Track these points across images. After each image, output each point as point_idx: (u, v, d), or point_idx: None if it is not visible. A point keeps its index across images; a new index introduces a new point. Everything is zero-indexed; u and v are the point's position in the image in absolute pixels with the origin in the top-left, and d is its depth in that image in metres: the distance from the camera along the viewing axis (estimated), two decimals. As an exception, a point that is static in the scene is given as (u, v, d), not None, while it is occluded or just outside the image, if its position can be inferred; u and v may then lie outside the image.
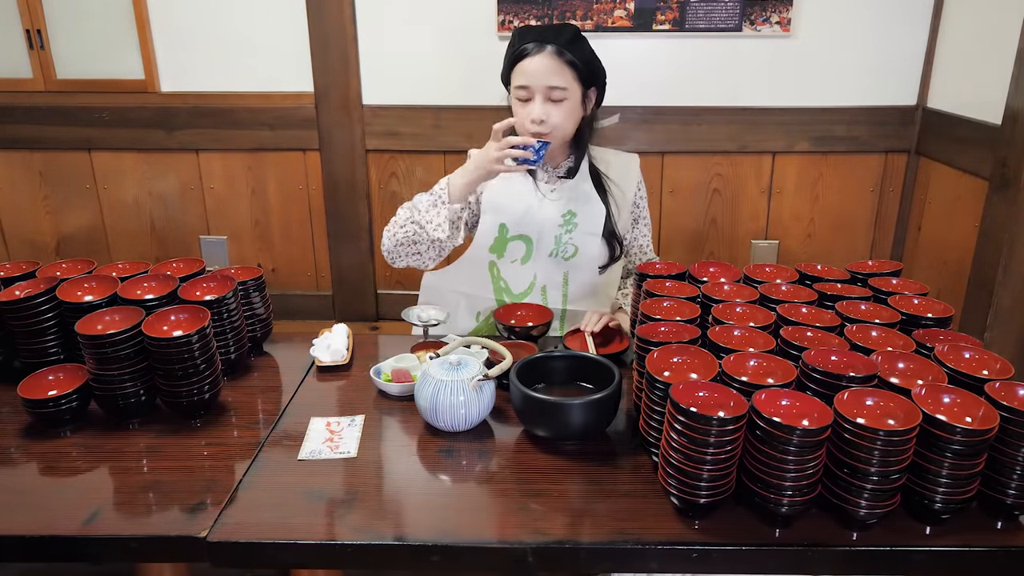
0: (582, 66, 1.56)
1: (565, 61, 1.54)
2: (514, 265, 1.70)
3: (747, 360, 1.10)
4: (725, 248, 3.14)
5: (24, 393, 1.24)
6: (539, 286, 1.71)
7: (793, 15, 2.77)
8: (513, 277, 1.70)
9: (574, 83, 1.56)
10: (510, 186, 1.67)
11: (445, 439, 1.24)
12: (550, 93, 1.55)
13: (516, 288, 1.71)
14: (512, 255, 1.69)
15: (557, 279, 1.71)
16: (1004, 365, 1.10)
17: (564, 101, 1.56)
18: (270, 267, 3.27)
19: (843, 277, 1.44)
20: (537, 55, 1.54)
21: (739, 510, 1.04)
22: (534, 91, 1.55)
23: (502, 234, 1.68)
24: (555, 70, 1.54)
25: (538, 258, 1.69)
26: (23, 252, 3.29)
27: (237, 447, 1.22)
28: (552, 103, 1.56)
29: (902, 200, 3.02)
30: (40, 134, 3.10)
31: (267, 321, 1.56)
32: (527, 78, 1.55)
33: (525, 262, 1.69)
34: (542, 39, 1.54)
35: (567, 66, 1.54)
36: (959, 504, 0.99)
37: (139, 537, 1.02)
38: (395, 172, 3.09)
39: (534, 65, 1.54)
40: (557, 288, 1.71)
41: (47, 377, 1.29)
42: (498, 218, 1.67)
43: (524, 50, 1.55)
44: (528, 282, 1.70)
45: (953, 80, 2.72)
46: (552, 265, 1.69)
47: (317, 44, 2.91)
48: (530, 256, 1.69)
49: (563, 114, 1.57)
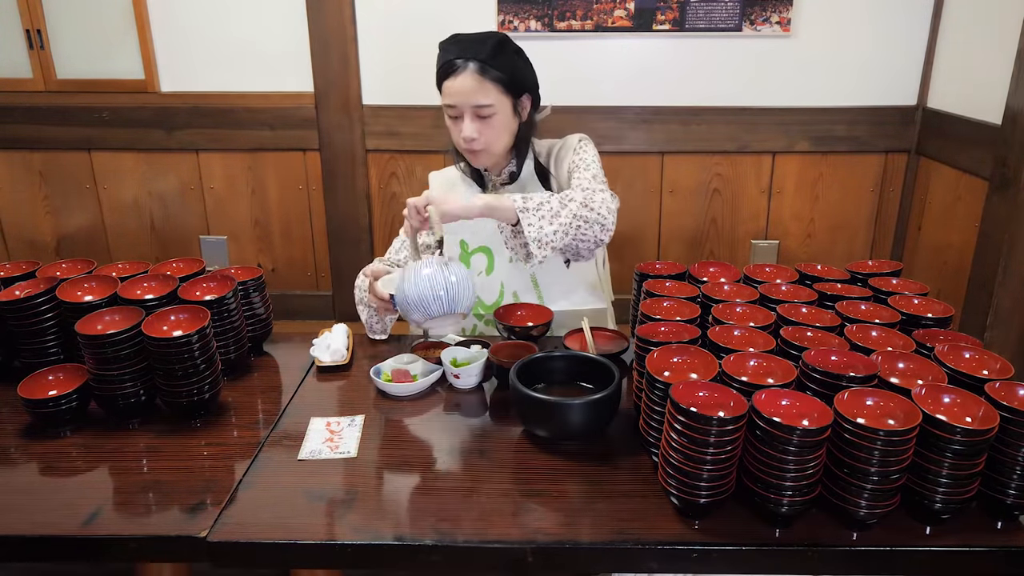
0: (507, 79, 1.51)
1: (489, 78, 1.49)
2: (480, 277, 1.69)
3: (747, 360, 1.10)
4: (725, 248, 3.14)
5: (24, 393, 1.24)
6: (509, 293, 1.69)
7: (793, 15, 2.78)
8: (482, 290, 1.69)
9: (501, 96, 1.52)
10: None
11: (445, 439, 1.24)
12: (478, 111, 1.51)
13: (488, 300, 1.70)
14: (476, 268, 1.69)
15: (525, 283, 1.69)
16: (1004, 365, 1.10)
17: (494, 116, 1.53)
18: (270, 267, 3.27)
19: (843, 277, 1.44)
20: (460, 74, 1.49)
21: (739, 510, 1.04)
22: (461, 110, 1.52)
23: (464, 250, 1.68)
24: (479, 88, 1.49)
25: (500, 266, 1.68)
26: (23, 252, 3.29)
27: (237, 447, 1.22)
28: (481, 119, 1.53)
29: (902, 200, 3.02)
30: (40, 134, 3.10)
31: (267, 321, 1.56)
32: (452, 98, 1.52)
33: (489, 273, 1.68)
34: (463, 54, 1.50)
35: (491, 82, 1.50)
36: (959, 504, 0.99)
37: (139, 537, 1.02)
38: (395, 172, 3.09)
39: (457, 85, 1.50)
40: (529, 291, 1.69)
41: (47, 377, 1.29)
42: (456, 235, 1.67)
43: (447, 67, 1.51)
44: (497, 291, 1.69)
45: (953, 80, 2.72)
46: (515, 270, 1.67)
47: (317, 44, 2.91)
48: (492, 266, 1.68)
49: (495, 130, 1.54)
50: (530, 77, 1.59)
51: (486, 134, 1.54)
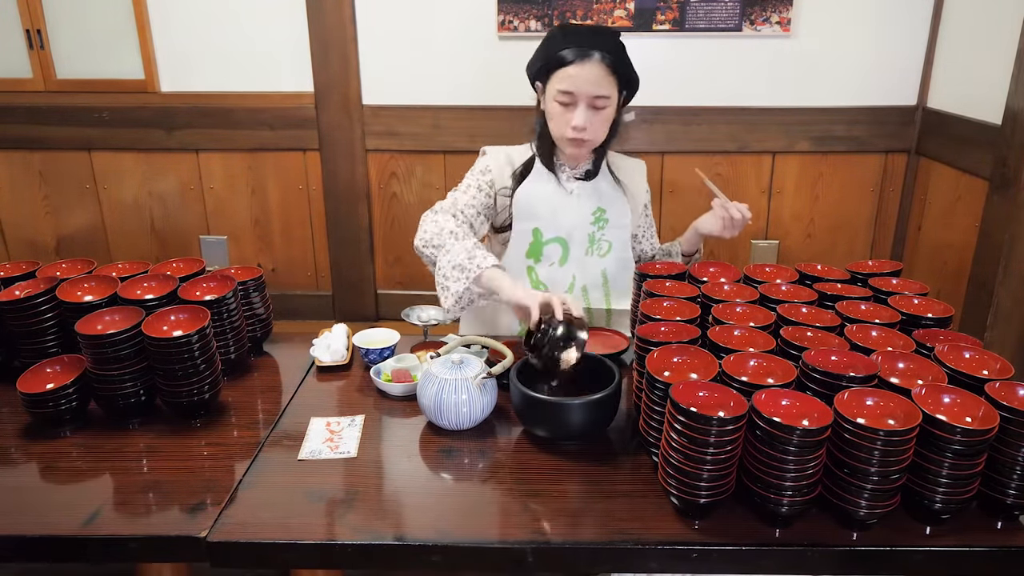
0: (625, 76, 1.54)
1: (611, 70, 1.51)
2: (552, 268, 1.69)
3: (747, 360, 1.10)
4: (725, 248, 3.14)
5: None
6: (579, 287, 1.70)
7: (793, 15, 2.77)
8: (551, 280, 1.70)
9: (615, 91, 1.55)
10: (537, 190, 1.65)
11: (445, 439, 1.24)
12: (594, 102, 1.52)
13: (560, 290, 1.70)
14: (549, 259, 1.69)
15: (596, 278, 1.70)
16: (1004, 365, 1.10)
17: (605, 108, 1.54)
18: (270, 267, 3.27)
19: (843, 277, 1.44)
20: (585, 63, 1.49)
21: (739, 510, 1.04)
22: (578, 98, 1.52)
23: (537, 239, 1.67)
24: (602, 80, 1.50)
25: (574, 258, 1.68)
26: (23, 252, 3.29)
27: (237, 447, 1.22)
28: (594, 110, 1.53)
29: (902, 200, 3.02)
30: (40, 134, 3.10)
31: (267, 321, 1.56)
32: (573, 85, 1.51)
33: (563, 264, 1.69)
34: (593, 44, 1.50)
35: (612, 75, 1.51)
36: (959, 504, 0.99)
37: (139, 537, 1.02)
38: (395, 172, 3.09)
39: (582, 73, 1.50)
40: (598, 288, 1.71)
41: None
42: (531, 223, 1.66)
43: (568, 55, 1.51)
44: (567, 283, 1.70)
45: (953, 80, 2.72)
46: (589, 264, 1.69)
47: (317, 44, 2.91)
48: (567, 258, 1.68)
49: (603, 121, 1.56)
50: (637, 78, 1.60)
51: (595, 125, 1.55)
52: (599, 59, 1.50)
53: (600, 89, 1.51)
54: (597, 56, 1.50)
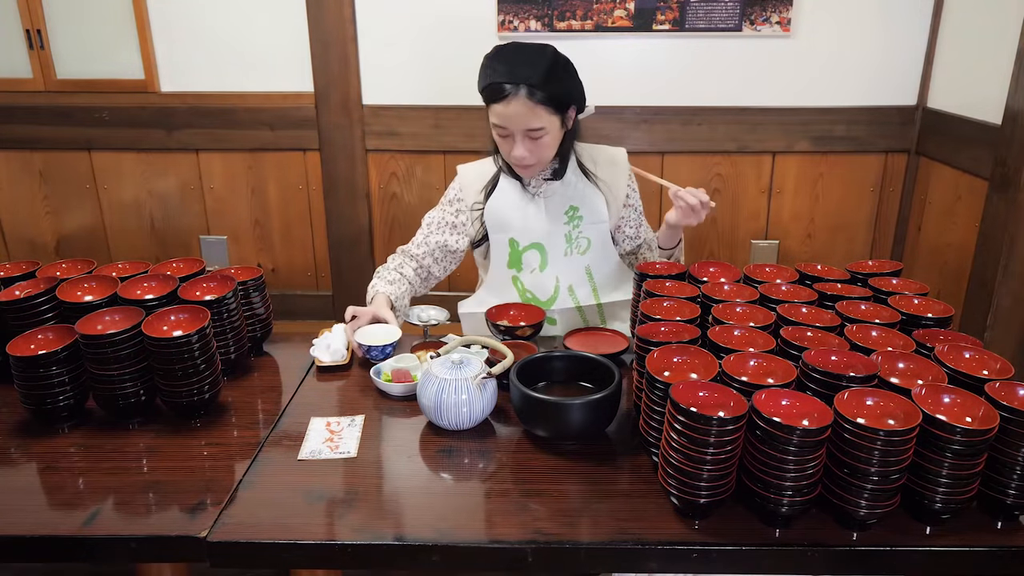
0: (557, 100, 1.50)
1: (539, 102, 1.47)
2: (534, 275, 1.69)
3: (747, 360, 1.10)
4: (725, 248, 3.14)
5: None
6: (564, 288, 1.70)
7: (793, 15, 2.77)
8: (536, 286, 1.70)
9: (551, 117, 1.51)
10: (505, 200, 1.66)
11: (445, 439, 1.24)
12: (529, 134, 1.51)
13: (542, 296, 1.70)
14: (529, 266, 1.69)
15: (580, 276, 1.70)
16: (1004, 365, 1.10)
17: (544, 136, 1.52)
18: (270, 267, 3.27)
19: (843, 277, 1.44)
20: (512, 100, 1.46)
21: (739, 510, 1.04)
22: (513, 132, 1.51)
23: (514, 248, 1.68)
24: (530, 114, 1.48)
25: (554, 261, 1.69)
26: (23, 252, 3.29)
27: (237, 447, 1.22)
28: (532, 140, 1.52)
29: (902, 200, 3.02)
30: (40, 134, 3.10)
31: (267, 321, 1.56)
32: (504, 121, 1.50)
33: (543, 269, 1.69)
34: (513, 79, 1.46)
35: (542, 106, 1.47)
36: (959, 504, 0.99)
37: (139, 537, 1.02)
38: (395, 172, 3.09)
39: (508, 111, 1.48)
40: (584, 285, 1.71)
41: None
42: (505, 234, 1.67)
43: (496, 91, 1.48)
44: (552, 287, 1.70)
45: (953, 80, 2.72)
46: (570, 264, 1.69)
47: (317, 44, 2.91)
48: (546, 262, 1.69)
49: (546, 148, 1.55)
50: (577, 89, 1.57)
51: (537, 152, 1.55)
52: (525, 95, 1.46)
53: (531, 123, 1.49)
54: (523, 92, 1.46)
